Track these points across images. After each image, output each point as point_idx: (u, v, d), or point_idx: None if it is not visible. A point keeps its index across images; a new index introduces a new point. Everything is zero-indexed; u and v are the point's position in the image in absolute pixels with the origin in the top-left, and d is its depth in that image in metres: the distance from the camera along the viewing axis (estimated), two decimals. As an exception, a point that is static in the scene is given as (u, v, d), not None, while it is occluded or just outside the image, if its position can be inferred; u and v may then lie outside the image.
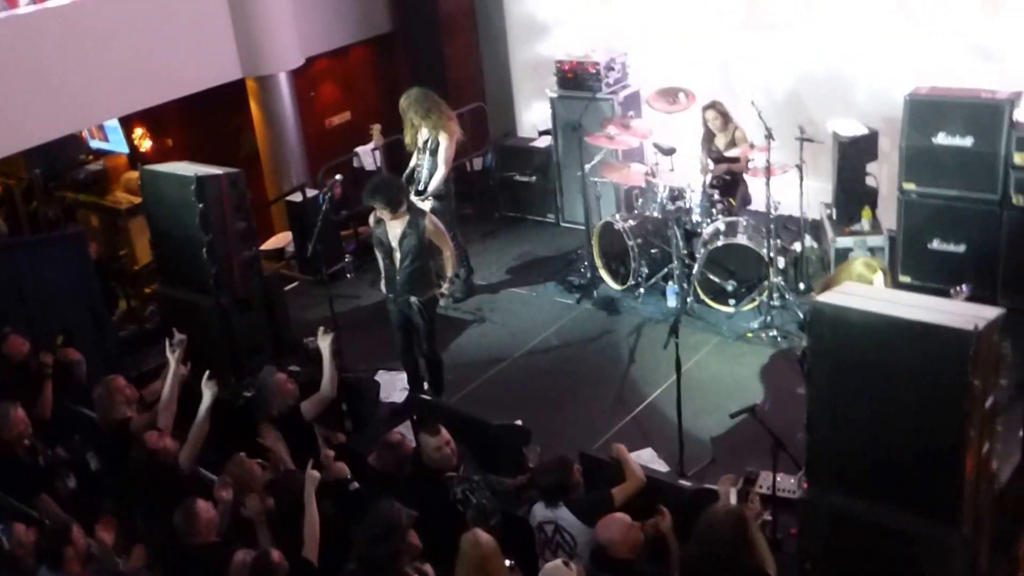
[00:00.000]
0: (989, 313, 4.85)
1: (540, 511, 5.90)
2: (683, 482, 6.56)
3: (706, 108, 9.66)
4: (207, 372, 6.63)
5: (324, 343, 7.02)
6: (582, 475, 6.03)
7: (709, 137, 9.75)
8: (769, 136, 8.57)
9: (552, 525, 5.83)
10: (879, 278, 6.72)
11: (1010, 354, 5.27)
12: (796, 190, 9.10)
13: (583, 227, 10.24)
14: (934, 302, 5.01)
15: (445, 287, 8.14)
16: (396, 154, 11.29)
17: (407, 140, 9.50)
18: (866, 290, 5.62)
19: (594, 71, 10.62)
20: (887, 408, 4.96)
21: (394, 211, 7.66)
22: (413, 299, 7.87)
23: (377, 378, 8.62)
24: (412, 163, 9.59)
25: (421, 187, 9.41)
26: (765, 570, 4.85)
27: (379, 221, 7.85)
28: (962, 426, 4.78)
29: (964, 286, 5.41)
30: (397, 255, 7.79)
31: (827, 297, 5.21)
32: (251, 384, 7.27)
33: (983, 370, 4.78)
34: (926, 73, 8.97)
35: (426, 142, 9.34)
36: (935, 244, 8.74)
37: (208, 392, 6.53)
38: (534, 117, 12.23)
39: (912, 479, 5.01)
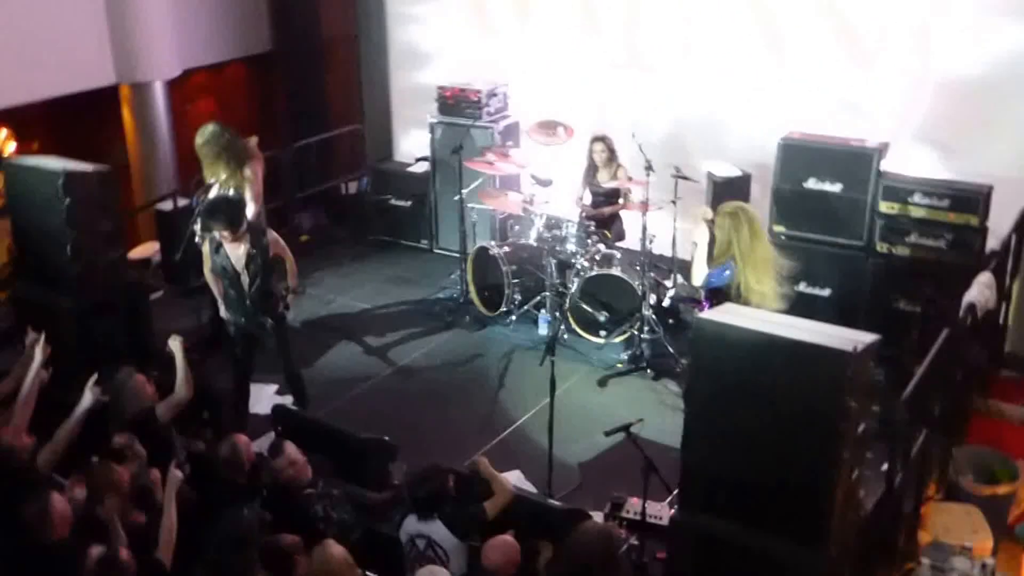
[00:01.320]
0: (866, 337, 4.86)
1: (412, 524, 5.69)
2: (552, 502, 6.43)
3: (595, 140, 9.64)
4: (94, 376, 6.37)
5: (175, 344, 6.73)
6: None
7: (592, 170, 9.74)
8: (649, 168, 8.63)
9: (424, 540, 5.63)
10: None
11: (883, 382, 5.32)
12: (670, 229, 9.19)
13: (457, 254, 10.15)
14: (813, 324, 5.00)
15: (290, 297, 7.86)
16: (270, 167, 11.03)
17: (208, 177, 8.66)
18: (748, 310, 5.59)
19: (475, 99, 10.61)
20: (763, 428, 4.90)
21: (235, 232, 7.26)
22: (267, 320, 7.59)
23: (240, 390, 8.31)
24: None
25: None
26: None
27: (218, 247, 7.40)
28: (836, 448, 4.76)
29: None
30: (244, 278, 7.42)
31: (709, 315, 5.16)
32: (106, 388, 6.90)
33: (859, 393, 4.77)
34: (799, 122, 9.09)
35: (227, 181, 8.54)
36: (802, 287, 8.82)
37: (89, 396, 6.27)
38: (411, 144, 12.12)
39: (783, 502, 4.95)
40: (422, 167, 11.39)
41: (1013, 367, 8.41)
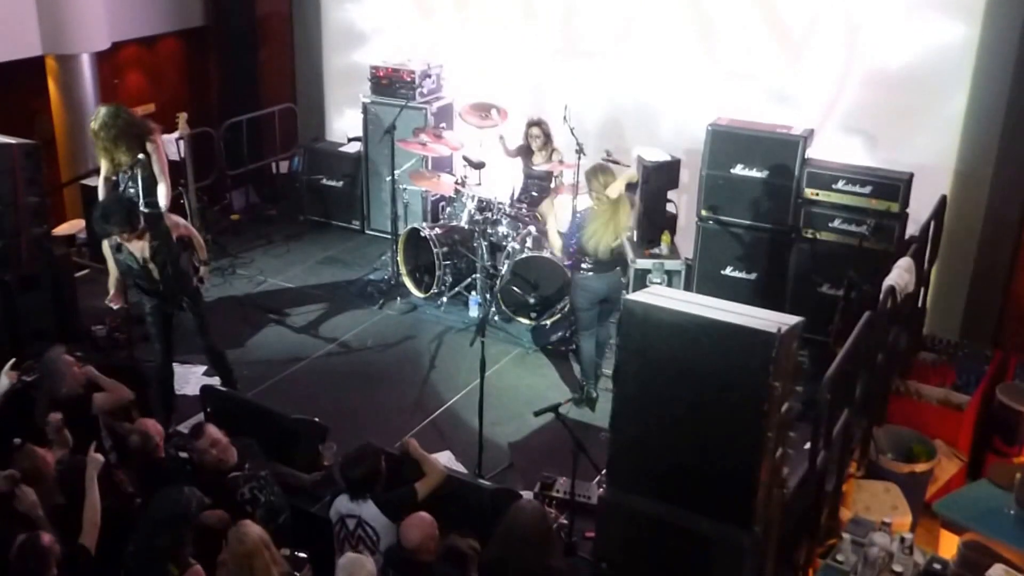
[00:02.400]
0: (791, 320, 4.92)
1: (343, 504, 5.66)
2: (483, 482, 6.43)
3: (531, 124, 9.66)
4: (11, 360, 6.28)
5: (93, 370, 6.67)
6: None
7: (527, 153, 9.74)
8: (580, 151, 8.64)
9: (355, 519, 5.61)
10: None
11: (807, 363, 5.39)
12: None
13: (388, 235, 10.07)
14: (740, 307, 5.05)
15: (204, 271, 7.75)
16: (202, 145, 10.91)
17: (104, 168, 8.47)
18: (676, 292, 5.63)
19: (409, 79, 10.53)
20: (690, 409, 4.96)
21: (133, 230, 7.02)
22: (184, 299, 7.48)
23: (169, 370, 8.21)
24: (103, 188, 8.58)
25: (143, 207, 8.22)
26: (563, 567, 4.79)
27: (118, 247, 7.16)
28: (760, 427, 4.83)
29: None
30: (154, 269, 7.24)
31: (638, 296, 5.19)
32: (33, 368, 6.76)
33: (783, 374, 4.85)
34: (728, 109, 9.19)
35: (132, 166, 8.34)
36: (728, 271, 8.94)
37: (6, 380, 6.22)
38: (345, 124, 12.02)
39: (709, 480, 5.02)
40: (354, 147, 11.29)
41: (931, 349, 8.59)
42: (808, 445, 5.87)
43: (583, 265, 7.81)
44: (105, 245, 7.41)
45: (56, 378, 6.40)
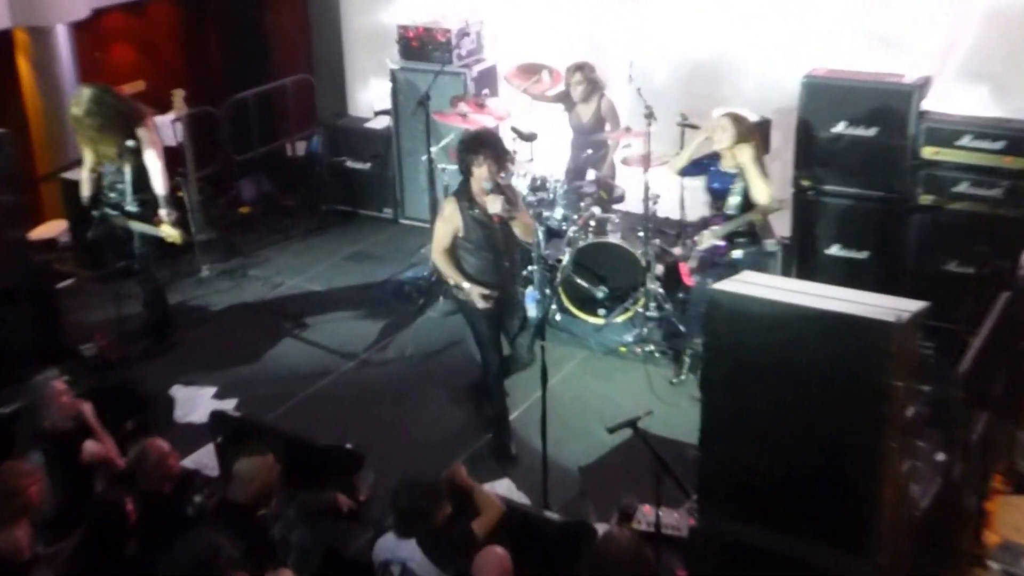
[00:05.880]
0: (912, 305, 4.83)
1: (387, 545, 5.62)
2: (550, 514, 6.40)
3: (572, 70, 9.64)
4: None
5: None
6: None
7: (570, 106, 9.72)
8: (650, 115, 8.58)
9: (399, 566, 5.56)
10: None
11: (934, 357, 5.31)
12: (676, 187, 9.13)
13: (426, 224, 10.07)
14: (849, 293, 4.97)
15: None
16: (203, 127, 10.98)
17: (87, 158, 8.68)
18: (771, 278, 5.55)
19: (444, 39, 10.55)
20: (794, 417, 4.89)
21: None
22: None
23: (172, 393, 8.38)
24: (87, 183, 8.81)
25: (131, 204, 8.64)
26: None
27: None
28: (880, 436, 4.74)
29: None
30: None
31: (725, 285, 5.12)
32: (14, 394, 6.85)
33: (905, 371, 4.77)
34: (824, 58, 9.09)
35: (120, 154, 8.51)
36: (833, 250, 8.84)
37: None
38: (370, 95, 12.08)
39: (822, 503, 4.95)
40: (383, 122, 11.34)
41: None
42: (941, 456, 5.78)
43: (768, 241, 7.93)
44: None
45: (39, 407, 6.45)
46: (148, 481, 6.04)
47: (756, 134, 8.02)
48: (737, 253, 7.81)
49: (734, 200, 7.79)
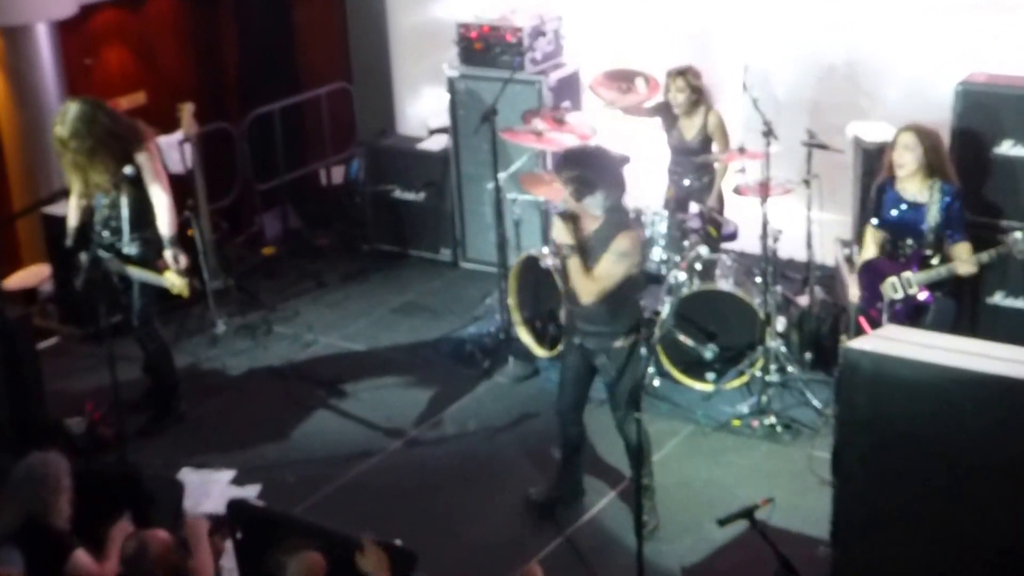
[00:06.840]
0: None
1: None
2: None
3: (672, 76, 9.71)
4: None
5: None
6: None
7: (670, 120, 9.82)
8: (769, 133, 8.62)
9: None
10: None
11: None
12: (802, 221, 9.18)
13: (493, 268, 10.17)
14: (1015, 351, 5.03)
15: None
16: (217, 148, 11.13)
17: (74, 189, 8.83)
18: (917, 334, 5.62)
19: (514, 40, 10.64)
20: (951, 502, 4.94)
21: None
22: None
23: (180, 478, 8.40)
24: (74, 219, 9.02)
25: (129, 245, 8.78)
26: None
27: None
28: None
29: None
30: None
31: (863, 344, 5.20)
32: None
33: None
34: (982, 61, 9.17)
35: (115, 184, 8.63)
36: (997, 298, 8.84)
37: None
38: (423, 109, 12.22)
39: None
40: (439, 143, 11.46)
41: None
42: None
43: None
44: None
45: (42, 494, 6.53)
46: None
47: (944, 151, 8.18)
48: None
49: (930, 237, 7.94)
